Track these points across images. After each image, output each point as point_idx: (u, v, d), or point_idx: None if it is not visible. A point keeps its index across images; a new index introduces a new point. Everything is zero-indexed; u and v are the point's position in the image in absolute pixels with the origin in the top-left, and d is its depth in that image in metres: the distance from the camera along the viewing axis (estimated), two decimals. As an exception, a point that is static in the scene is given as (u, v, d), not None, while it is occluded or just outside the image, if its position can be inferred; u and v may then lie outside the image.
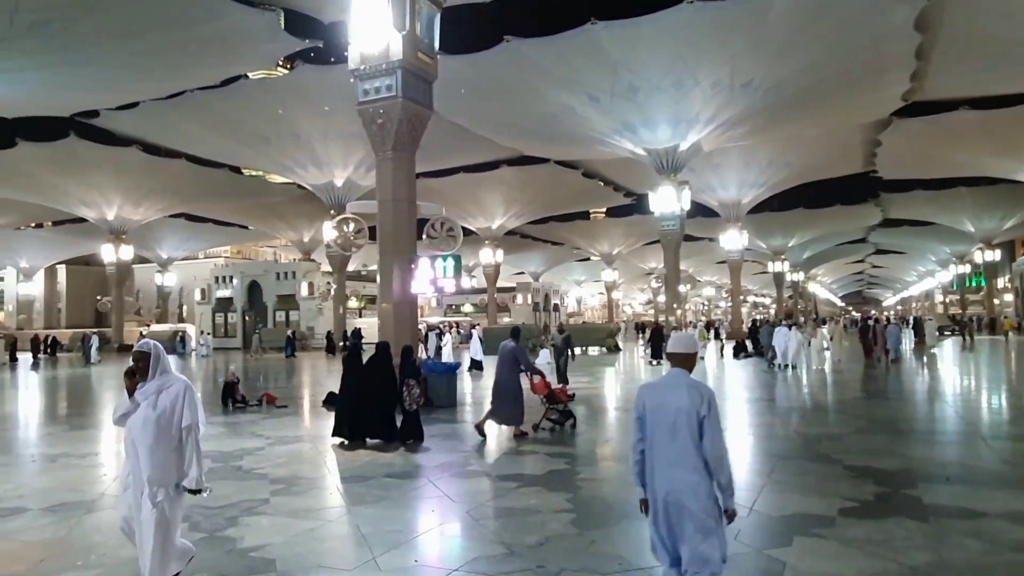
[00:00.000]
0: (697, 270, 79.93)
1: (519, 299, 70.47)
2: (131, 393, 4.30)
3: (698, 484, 3.52)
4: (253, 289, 49.66)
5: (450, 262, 14.61)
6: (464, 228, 17.55)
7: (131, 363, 4.36)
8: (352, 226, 16.13)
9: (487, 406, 11.36)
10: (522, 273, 77.73)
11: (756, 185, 42.21)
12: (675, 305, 36.30)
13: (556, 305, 77.67)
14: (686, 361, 3.78)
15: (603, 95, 28.19)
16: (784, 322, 26.55)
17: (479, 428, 10.66)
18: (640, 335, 47.81)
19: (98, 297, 62.04)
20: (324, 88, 29.20)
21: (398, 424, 10.33)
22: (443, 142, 29.30)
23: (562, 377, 17.46)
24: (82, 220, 47.00)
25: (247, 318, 49.04)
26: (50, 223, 57.24)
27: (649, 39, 24.71)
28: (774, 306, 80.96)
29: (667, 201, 32.94)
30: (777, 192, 44.85)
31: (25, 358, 37.02)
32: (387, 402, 10.38)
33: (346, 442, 10.22)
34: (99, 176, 39.73)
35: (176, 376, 4.42)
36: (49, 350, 40.67)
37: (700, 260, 72.92)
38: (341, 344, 37.20)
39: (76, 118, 32.23)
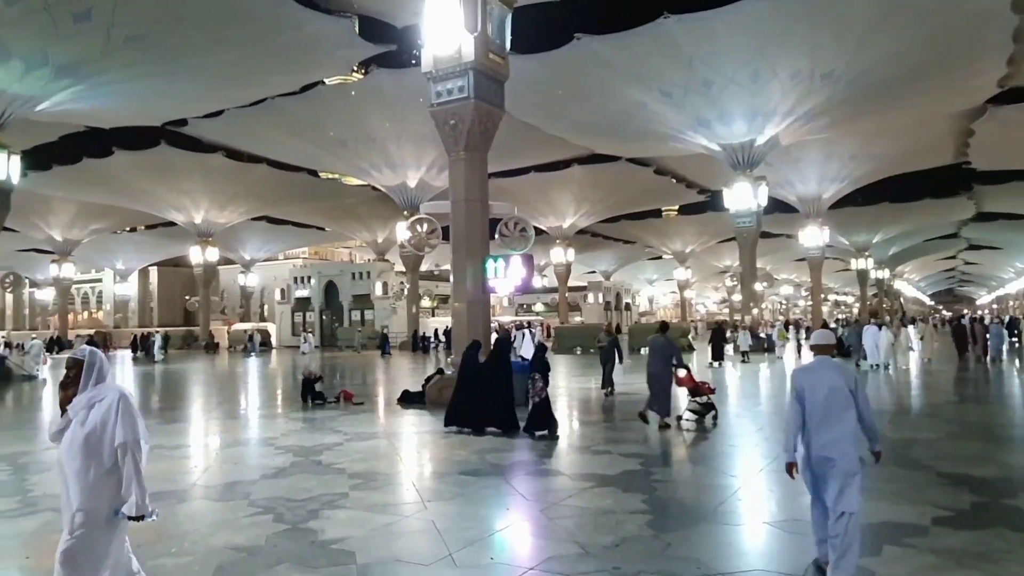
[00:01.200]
0: (774, 267, 77.57)
1: (590, 298, 70.06)
2: (64, 407, 3.71)
3: (845, 441, 4.48)
4: (330, 289, 51.11)
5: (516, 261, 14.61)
6: (535, 227, 17.53)
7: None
8: (425, 226, 16.36)
9: (560, 405, 11.45)
10: (593, 272, 77.27)
11: (838, 179, 40.67)
12: (751, 304, 35.37)
13: (628, 304, 76.90)
14: (828, 349, 4.92)
15: (676, 90, 27.72)
16: (872, 321, 25.49)
17: (642, 415, 11.27)
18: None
19: (187, 297, 65.28)
20: (397, 91, 29.82)
21: (515, 414, 11.06)
22: (514, 142, 29.43)
23: (607, 382, 15.62)
24: (172, 224, 49.69)
25: (324, 317, 50.50)
26: (143, 227, 60.59)
27: (725, 32, 24.16)
28: (857, 305, 77.83)
29: (743, 197, 32.12)
30: (861, 186, 43.08)
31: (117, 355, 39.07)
32: (505, 395, 11.10)
33: (468, 431, 10.93)
34: (187, 182, 41.79)
35: (110, 386, 3.75)
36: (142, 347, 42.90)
37: (777, 257, 70.81)
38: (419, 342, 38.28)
39: (166, 127, 34.00)
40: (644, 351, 32.78)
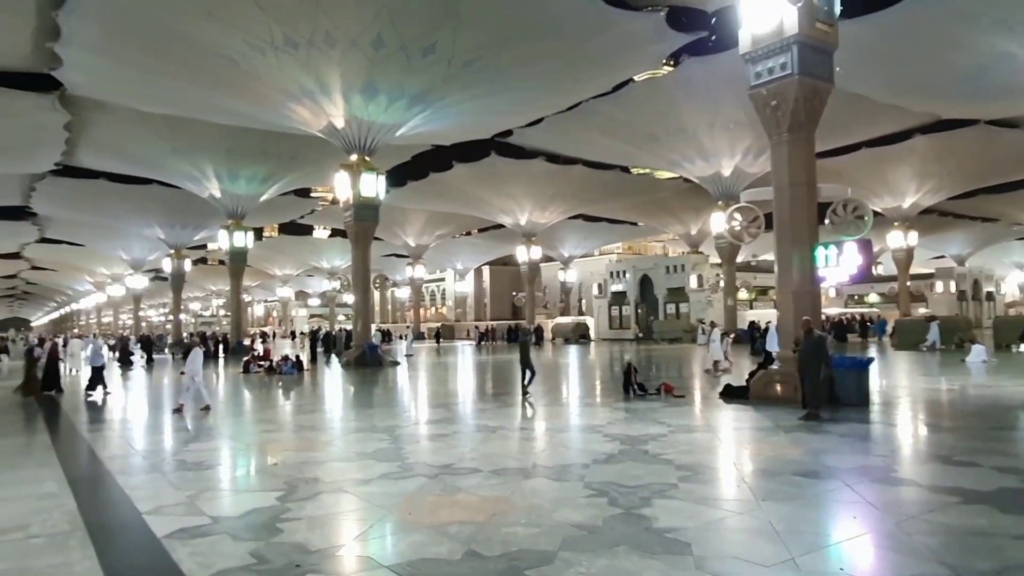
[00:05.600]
0: None
1: (939, 286, 61.12)
2: None
3: None
4: (644, 283, 51.83)
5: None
6: (870, 209, 15.72)
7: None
8: (746, 216, 15.72)
9: (901, 404, 10.23)
10: (942, 257, 67.20)
11: None
12: None
13: (989, 293, 65.52)
14: None
15: (1057, 30, 22.73)
16: None
17: None
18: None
19: (514, 293, 71.56)
20: (708, 79, 29.06)
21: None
22: (841, 117, 26.77)
23: (819, 397, 11.67)
24: (501, 226, 54.93)
25: (640, 311, 51.40)
26: (477, 231, 67.92)
27: None
28: None
29: None
30: None
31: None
32: None
33: None
34: (513, 187, 45.78)
35: None
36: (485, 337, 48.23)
37: None
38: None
39: (495, 138, 37.52)
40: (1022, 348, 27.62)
